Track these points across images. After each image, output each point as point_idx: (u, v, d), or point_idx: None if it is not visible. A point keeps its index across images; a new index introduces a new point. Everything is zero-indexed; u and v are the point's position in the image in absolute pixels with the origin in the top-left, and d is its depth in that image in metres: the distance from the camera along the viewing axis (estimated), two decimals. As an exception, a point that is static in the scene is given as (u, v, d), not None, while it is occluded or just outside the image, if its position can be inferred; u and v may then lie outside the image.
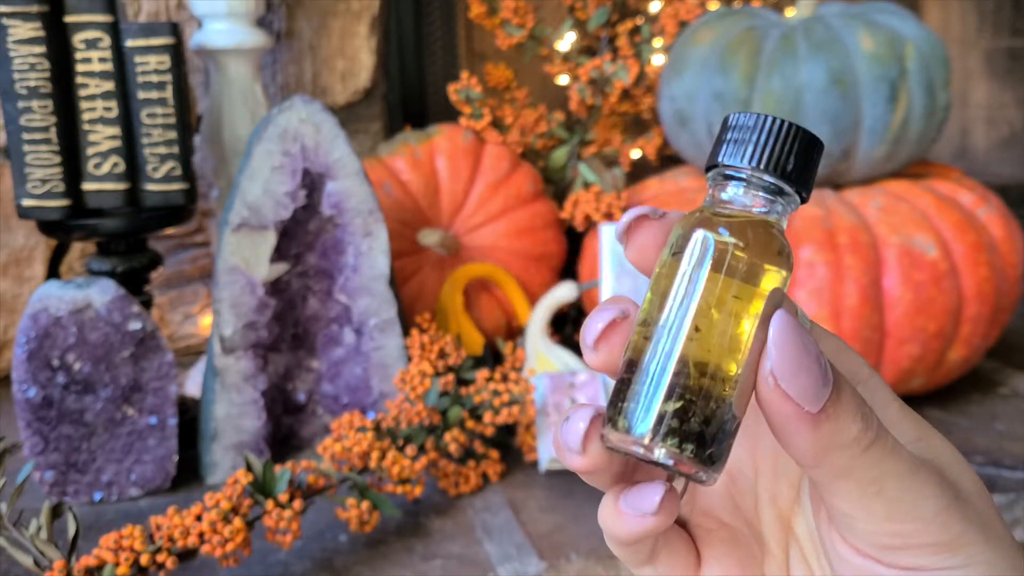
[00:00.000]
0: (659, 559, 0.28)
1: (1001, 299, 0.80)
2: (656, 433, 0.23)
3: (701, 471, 0.24)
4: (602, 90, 0.99)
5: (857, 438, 0.23)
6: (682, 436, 0.23)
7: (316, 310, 0.80)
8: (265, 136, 0.73)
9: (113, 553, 0.55)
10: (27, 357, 0.68)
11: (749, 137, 0.25)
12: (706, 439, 0.23)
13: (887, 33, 0.80)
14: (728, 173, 0.25)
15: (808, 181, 0.25)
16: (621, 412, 0.24)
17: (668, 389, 0.23)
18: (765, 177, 0.25)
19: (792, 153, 0.24)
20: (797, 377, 0.22)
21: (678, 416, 0.23)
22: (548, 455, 0.73)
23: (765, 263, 0.24)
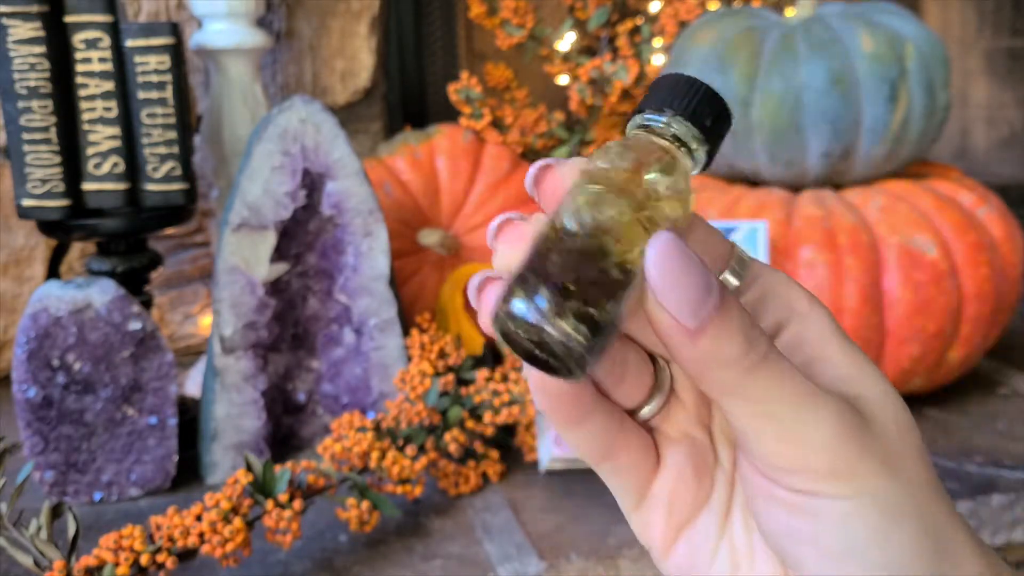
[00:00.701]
0: (617, 457, 0.28)
1: (1001, 299, 0.80)
2: (551, 307, 0.24)
3: (584, 355, 0.24)
4: (602, 90, 0.99)
5: (737, 357, 0.24)
6: (577, 315, 0.24)
7: (316, 310, 0.80)
8: (265, 136, 0.73)
9: (113, 553, 0.55)
10: (27, 357, 0.68)
11: (669, 89, 0.27)
12: (596, 325, 0.24)
13: (887, 33, 0.80)
14: (647, 117, 0.27)
15: (715, 138, 0.27)
16: (519, 289, 0.25)
17: (566, 272, 0.24)
18: (678, 120, 0.27)
19: (705, 108, 0.27)
20: (673, 291, 0.23)
21: (574, 297, 0.24)
22: (548, 455, 0.73)
23: (657, 189, 0.25)
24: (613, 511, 0.68)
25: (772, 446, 0.25)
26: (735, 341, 0.24)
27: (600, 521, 0.67)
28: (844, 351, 0.27)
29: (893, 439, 0.26)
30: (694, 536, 0.29)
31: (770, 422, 0.24)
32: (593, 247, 0.24)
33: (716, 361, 0.24)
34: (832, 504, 0.25)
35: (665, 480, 0.29)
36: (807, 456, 0.24)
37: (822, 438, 0.24)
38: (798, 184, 0.83)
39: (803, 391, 0.24)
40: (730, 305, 0.24)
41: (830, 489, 0.24)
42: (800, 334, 0.27)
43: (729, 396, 0.24)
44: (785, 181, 0.83)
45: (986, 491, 0.70)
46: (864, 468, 0.24)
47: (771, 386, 0.24)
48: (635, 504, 0.29)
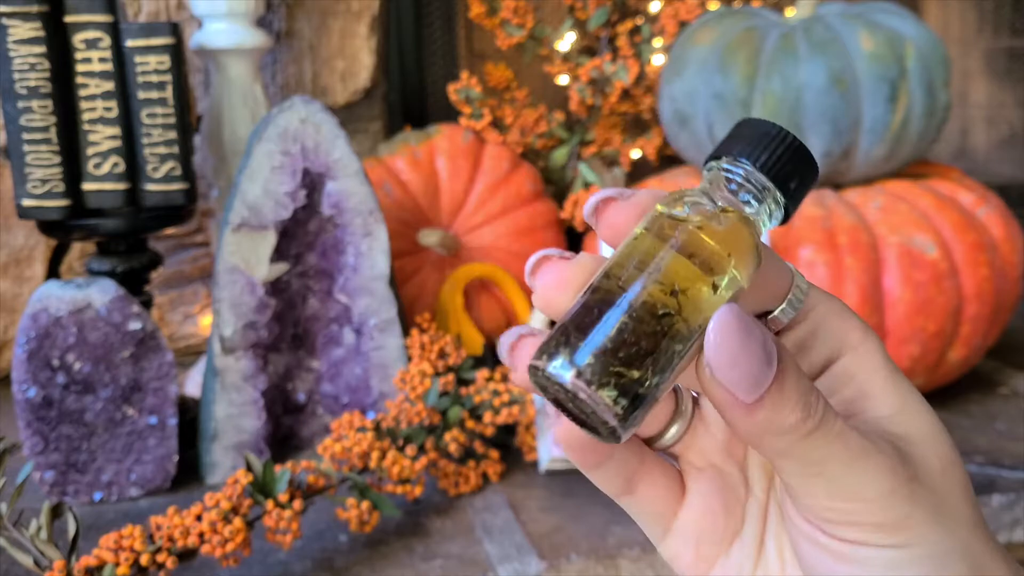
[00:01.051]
0: (637, 491, 0.28)
1: (1001, 299, 0.80)
2: (594, 374, 0.23)
3: (616, 428, 0.23)
4: (602, 90, 0.99)
5: (795, 426, 0.23)
6: (618, 386, 0.23)
7: (316, 310, 0.80)
8: (265, 136, 0.73)
9: (113, 553, 0.55)
10: (27, 357, 0.68)
11: (754, 139, 0.25)
12: (637, 398, 0.23)
13: (887, 33, 0.80)
14: (726, 166, 0.26)
15: (798, 198, 0.26)
16: (561, 347, 0.24)
17: (618, 338, 0.23)
18: (759, 176, 0.25)
19: (790, 166, 0.25)
20: (732, 369, 0.23)
21: (620, 365, 0.23)
22: (548, 455, 0.73)
23: (732, 254, 0.24)
24: (613, 511, 0.68)
25: (823, 502, 0.25)
26: (794, 411, 0.23)
27: (600, 521, 0.67)
28: (892, 387, 0.27)
29: (939, 481, 0.25)
30: (727, 567, 0.29)
31: (821, 481, 0.24)
32: (653, 314, 0.23)
33: (772, 431, 0.24)
34: (880, 553, 0.25)
35: (691, 512, 0.29)
36: (858, 511, 0.24)
37: (874, 493, 0.24)
38: (798, 184, 0.83)
39: (856, 450, 0.24)
40: (789, 374, 0.23)
41: (879, 540, 0.24)
42: (850, 368, 0.27)
43: (782, 458, 0.24)
44: (785, 181, 0.83)
45: (986, 491, 0.70)
46: (914, 519, 0.24)
47: (825, 448, 0.24)
48: (661, 535, 0.29)
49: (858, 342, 0.27)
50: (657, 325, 0.23)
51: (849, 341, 0.27)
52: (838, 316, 0.27)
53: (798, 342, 0.27)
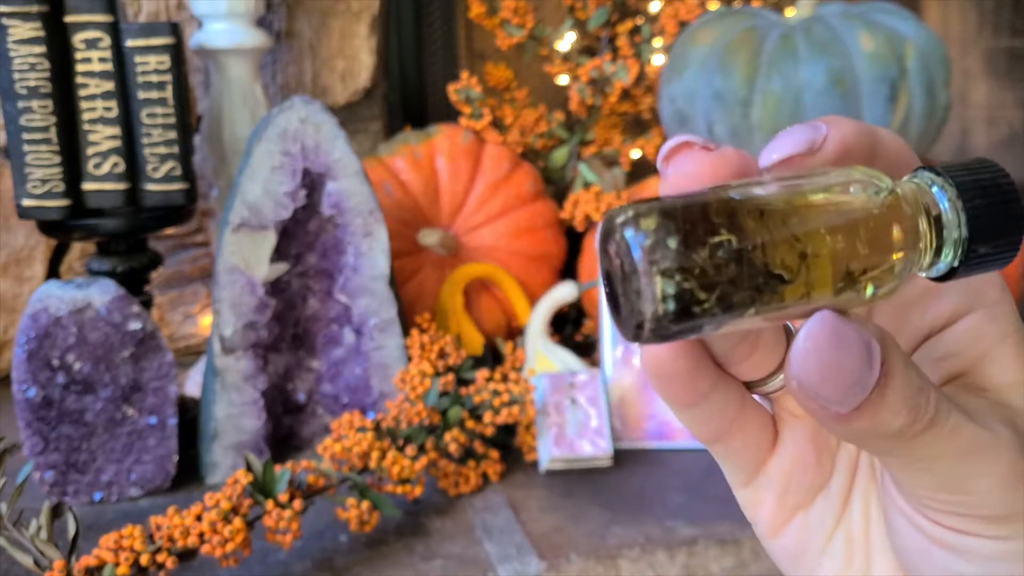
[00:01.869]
0: (731, 439, 0.26)
1: (1001, 299, 0.80)
2: (667, 259, 0.19)
3: (643, 328, 0.20)
4: (602, 90, 0.99)
5: (901, 431, 0.21)
6: (679, 289, 0.20)
7: (316, 310, 0.80)
8: (265, 136, 0.73)
9: (113, 553, 0.55)
10: (27, 357, 0.68)
11: (985, 183, 0.22)
12: (686, 315, 0.20)
13: (887, 33, 0.80)
14: (935, 185, 0.22)
15: (972, 266, 0.22)
16: (656, 215, 0.20)
17: (715, 251, 0.20)
18: (958, 215, 0.22)
19: (995, 233, 0.22)
20: (822, 386, 0.20)
21: (696, 276, 0.20)
22: (548, 455, 0.73)
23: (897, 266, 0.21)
24: (613, 511, 0.68)
25: (928, 492, 0.23)
26: (898, 417, 0.21)
27: (600, 521, 0.67)
28: (1020, 352, 0.24)
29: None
30: (808, 521, 0.27)
31: (929, 475, 0.22)
32: (769, 261, 0.20)
33: (873, 436, 0.21)
34: (984, 544, 0.23)
35: (782, 460, 0.26)
36: (967, 503, 0.22)
37: (987, 487, 0.22)
38: (798, 184, 0.83)
39: (970, 444, 0.22)
40: (894, 378, 0.21)
41: (987, 531, 0.23)
42: (980, 327, 0.24)
43: (886, 456, 0.22)
44: (785, 181, 0.83)
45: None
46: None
47: (936, 446, 0.22)
48: (745, 482, 0.27)
49: (994, 301, 0.24)
50: (763, 271, 0.20)
51: (985, 297, 0.24)
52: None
53: (930, 287, 0.24)
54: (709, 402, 0.25)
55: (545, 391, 0.75)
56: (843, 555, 0.26)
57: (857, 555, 0.26)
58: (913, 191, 0.22)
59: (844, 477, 0.27)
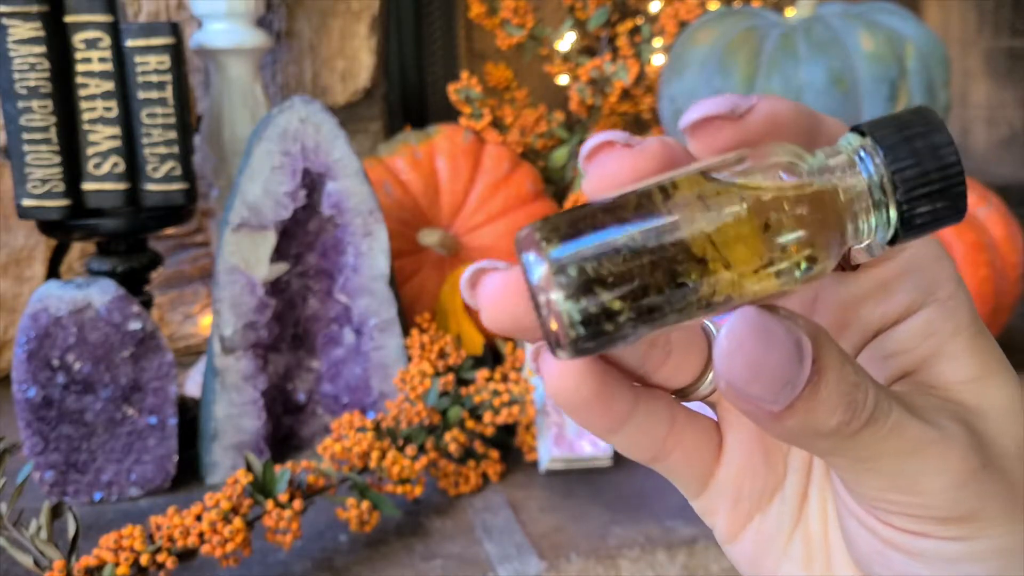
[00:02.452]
0: (668, 457, 0.25)
1: (1001, 299, 0.80)
2: (568, 283, 0.19)
3: (558, 348, 0.19)
4: (602, 90, 0.99)
5: (837, 429, 0.20)
6: (584, 312, 0.19)
7: (316, 310, 0.80)
8: (265, 136, 0.73)
9: (113, 553, 0.55)
10: (27, 357, 0.68)
11: (916, 142, 0.20)
12: (600, 335, 0.19)
13: (887, 33, 0.80)
14: (862, 155, 0.21)
15: (916, 232, 0.21)
16: (555, 233, 0.19)
17: (621, 257, 0.19)
18: (887, 194, 0.20)
19: (933, 197, 0.20)
20: (752, 384, 0.19)
21: (604, 288, 0.19)
22: (548, 455, 0.73)
23: (814, 248, 0.20)
24: (613, 511, 0.68)
25: (877, 493, 0.22)
26: (833, 414, 0.20)
27: (600, 521, 0.67)
28: (974, 348, 0.23)
29: (1012, 466, 0.22)
30: (764, 525, 0.26)
31: (875, 475, 0.21)
32: (680, 258, 0.19)
33: (809, 435, 0.20)
34: (940, 546, 0.22)
35: (730, 466, 0.25)
36: (918, 504, 0.21)
37: (941, 486, 0.21)
38: (798, 184, 0.83)
39: (915, 442, 0.21)
40: (827, 374, 0.20)
41: (942, 532, 0.22)
42: (933, 322, 0.23)
43: (829, 455, 0.21)
44: (785, 181, 0.83)
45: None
46: (983, 511, 0.22)
47: (877, 445, 0.21)
48: (696, 493, 0.26)
49: (947, 295, 0.23)
50: (677, 271, 0.19)
51: (938, 292, 0.23)
52: (934, 260, 0.23)
53: (881, 281, 0.23)
54: (633, 423, 0.23)
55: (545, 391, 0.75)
56: (803, 557, 0.26)
57: (817, 556, 0.26)
58: (841, 161, 0.21)
59: (799, 477, 0.26)
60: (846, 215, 0.21)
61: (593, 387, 0.22)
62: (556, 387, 0.22)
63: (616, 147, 0.21)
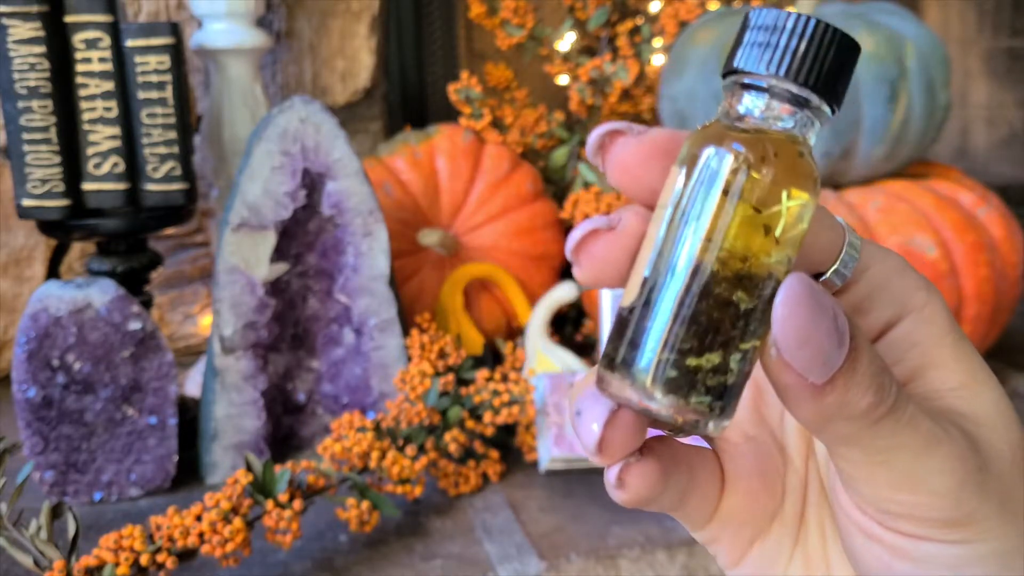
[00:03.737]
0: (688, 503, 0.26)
1: (1001, 299, 0.80)
2: (659, 382, 0.20)
3: (709, 422, 0.21)
4: (602, 90, 0.99)
5: (866, 412, 0.21)
6: (689, 385, 0.20)
7: (316, 310, 0.80)
8: (265, 136, 0.73)
9: (113, 553, 0.55)
10: (27, 357, 0.68)
11: (772, 39, 0.21)
12: (716, 388, 0.21)
13: (887, 33, 0.80)
14: (747, 82, 0.21)
15: (841, 92, 0.21)
16: (621, 355, 0.21)
17: (674, 331, 0.20)
18: (790, 87, 0.21)
19: (823, 59, 0.21)
20: (801, 350, 0.20)
21: (686, 362, 0.20)
22: (548, 455, 0.73)
23: (788, 187, 0.20)
24: (613, 511, 0.68)
25: (885, 492, 0.22)
26: (866, 394, 0.21)
27: (600, 521, 0.67)
28: (957, 355, 0.24)
29: (1006, 466, 0.23)
30: (766, 547, 0.27)
31: (886, 471, 0.22)
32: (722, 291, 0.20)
33: (840, 416, 0.21)
34: (944, 550, 0.22)
35: (733, 496, 0.26)
36: (923, 505, 0.22)
37: (942, 486, 0.22)
38: (798, 184, 0.83)
39: (927, 438, 0.22)
40: (862, 353, 0.21)
41: (944, 536, 0.22)
42: (913, 334, 0.24)
43: (846, 446, 0.22)
44: (785, 181, 0.83)
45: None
46: (982, 514, 0.22)
47: (895, 436, 0.21)
48: (702, 525, 0.27)
49: (922, 303, 0.24)
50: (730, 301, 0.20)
51: (912, 302, 0.24)
52: (898, 275, 0.24)
53: (854, 305, 0.24)
54: (667, 492, 0.25)
55: (545, 391, 0.75)
56: (803, 573, 0.26)
57: (817, 574, 0.26)
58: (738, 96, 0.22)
59: (796, 497, 0.27)
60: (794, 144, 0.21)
61: (662, 481, 0.24)
62: (638, 499, 0.24)
63: (600, 233, 0.23)
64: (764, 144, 0.21)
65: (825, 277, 0.23)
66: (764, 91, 0.21)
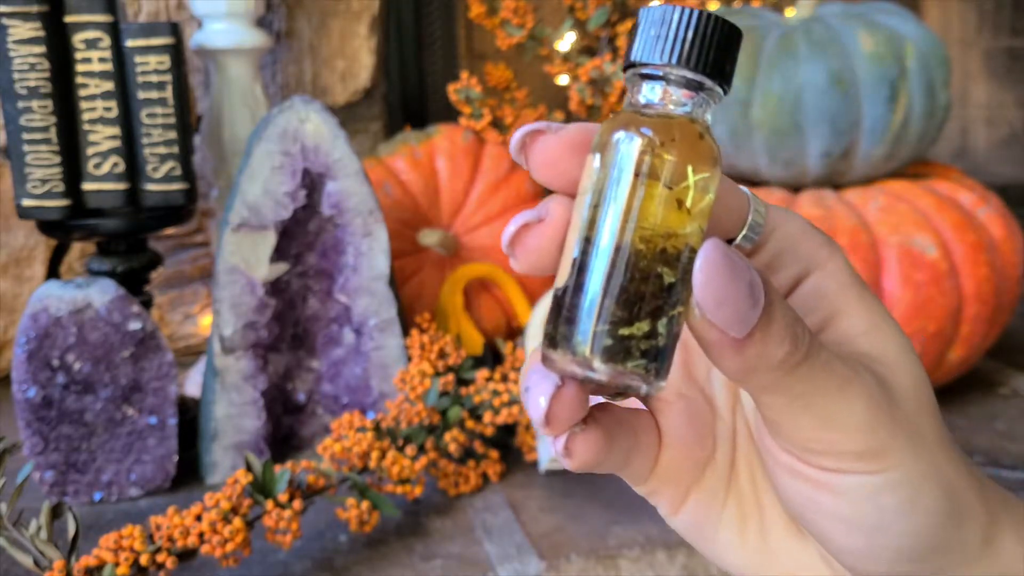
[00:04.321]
0: (631, 464, 0.27)
1: (1001, 299, 0.80)
2: (597, 352, 0.22)
3: (646, 383, 0.23)
4: (602, 90, 0.99)
5: (784, 360, 0.23)
6: (625, 352, 0.22)
7: (316, 310, 0.80)
8: (265, 136, 0.73)
9: (113, 553, 0.55)
10: (27, 357, 0.68)
11: (663, 31, 0.23)
12: (650, 352, 0.22)
13: (887, 33, 0.80)
14: (645, 72, 0.24)
15: (729, 74, 0.24)
16: (560, 332, 0.23)
17: (605, 304, 0.22)
18: (684, 73, 0.23)
19: (711, 45, 0.23)
20: (721, 308, 0.22)
21: (619, 331, 0.22)
22: (548, 455, 0.73)
23: (692, 164, 0.23)
24: (613, 511, 0.68)
25: (807, 433, 0.24)
26: (782, 344, 0.23)
27: (600, 521, 0.67)
28: (862, 303, 0.26)
29: (911, 401, 0.25)
30: (701, 494, 0.29)
31: (806, 412, 0.24)
32: (646, 265, 0.22)
33: (761, 365, 0.23)
34: (861, 480, 0.24)
35: (669, 450, 0.28)
36: (842, 440, 0.24)
37: (856, 421, 0.24)
38: (798, 184, 0.83)
39: (841, 379, 0.24)
40: (776, 307, 0.23)
41: (860, 467, 0.24)
42: (820, 287, 0.26)
43: (769, 394, 0.24)
44: (785, 181, 0.83)
45: (986, 491, 0.70)
46: (892, 445, 0.24)
47: (812, 380, 0.23)
48: (643, 480, 0.28)
49: (825, 259, 0.26)
50: (652, 271, 0.22)
51: (816, 259, 0.26)
52: (802, 234, 0.26)
53: (764, 265, 0.26)
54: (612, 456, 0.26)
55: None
56: (737, 517, 0.29)
57: (751, 514, 0.29)
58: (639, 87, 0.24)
59: (726, 446, 0.29)
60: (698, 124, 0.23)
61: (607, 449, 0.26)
62: (584, 463, 0.25)
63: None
64: (668, 126, 0.23)
65: (736, 242, 0.25)
66: (661, 79, 0.24)
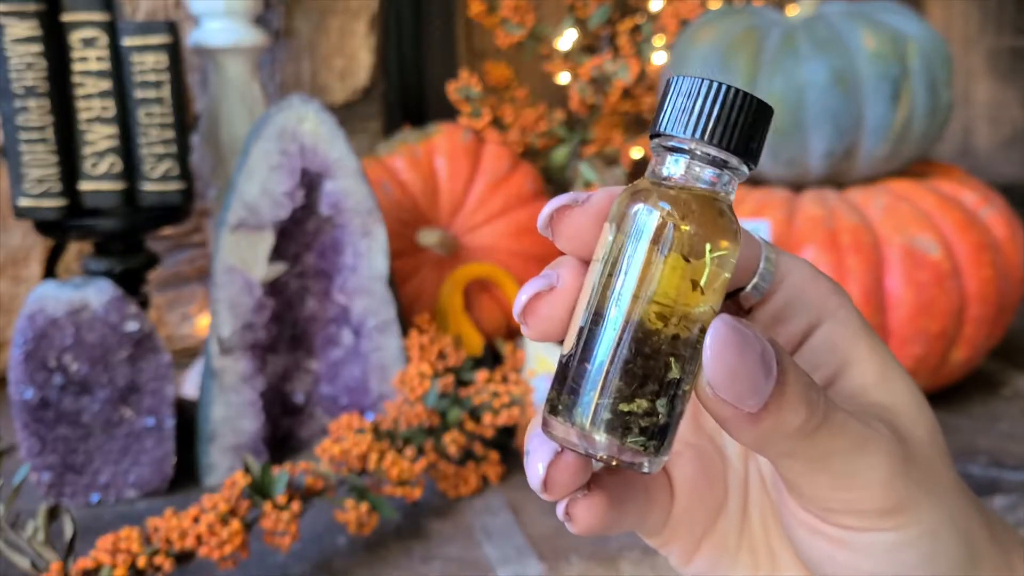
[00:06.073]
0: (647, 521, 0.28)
1: (1004, 299, 0.80)
2: (597, 426, 0.22)
3: (646, 460, 0.23)
4: (603, 89, 0.99)
5: (800, 428, 0.23)
6: (624, 427, 0.22)
7: (314, 311, 0.80)
8: (263, 135, 0.73)
9: (110, 555, 0.54)
10: (24, 358, 0.68)
11: (692, 104, 0.23)
12: (650, 429, 0.22)
13: (890, 32, 0.79)
14: (671, 144, 0.23)
15: (756, 152, 0.23)
16: (563, 403, 0.23)
17: (609, 378, 0.22)
18: (709, 150, 0.23)
19: (739, 122, 0.23)
20: (733, 385, 0.22)
21: (620, 407, 0.22)
22: (548, 456, 0.72)
23: (711, 241, 0.22)
24: (614, 513, 0.68)
25: (826, 493, 0.24)
26: (798, 413, 0.23)
27: (600, 523, 0.66)
28: (873, 353, 0.26)
29: (927, 452, 0.25)
30: (714, 543, 0.29)
31: (825, 474, 0.24)
32: (654, 340, 0.22)
33: (778, 435, 0.23)
34: (880, 537, 0.24)
35: (682, 501, 0.28)
36: (862, 498, 0.24)
37: (876, 479, 0.24)
38: (800, 183, 0.83)
39: (858, 439, 0.24)
40: (789, 375, 0.23)
41: (880, 524, 0.24)
42: (831, 337, 0.26)
43: (788, 459, 0.24)
44: (787, 180, 0.83)
45: (989, 493, 0.69)
46: (912, 500, 0.24)
47: (829, 443, 0.23)
48: (657, 532, 0.28)
49: (835, 307, 0.26)
50: (660, 348, 0.22)
51: (826, 307, 0.26)
52: (812, 282, 0.26)
53: (774, 314, 0.26)
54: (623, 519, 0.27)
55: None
56: (750, 567, 0.28)
57: (763, 563, 0.28)
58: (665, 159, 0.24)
59: (737, 494, 0.29)
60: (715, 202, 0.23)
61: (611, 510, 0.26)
62: (588, 528, 0.25)
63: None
64: (688, 202, 0.22)
65: (747, 291, 0.25)
66: (686, 152, 0.23)
